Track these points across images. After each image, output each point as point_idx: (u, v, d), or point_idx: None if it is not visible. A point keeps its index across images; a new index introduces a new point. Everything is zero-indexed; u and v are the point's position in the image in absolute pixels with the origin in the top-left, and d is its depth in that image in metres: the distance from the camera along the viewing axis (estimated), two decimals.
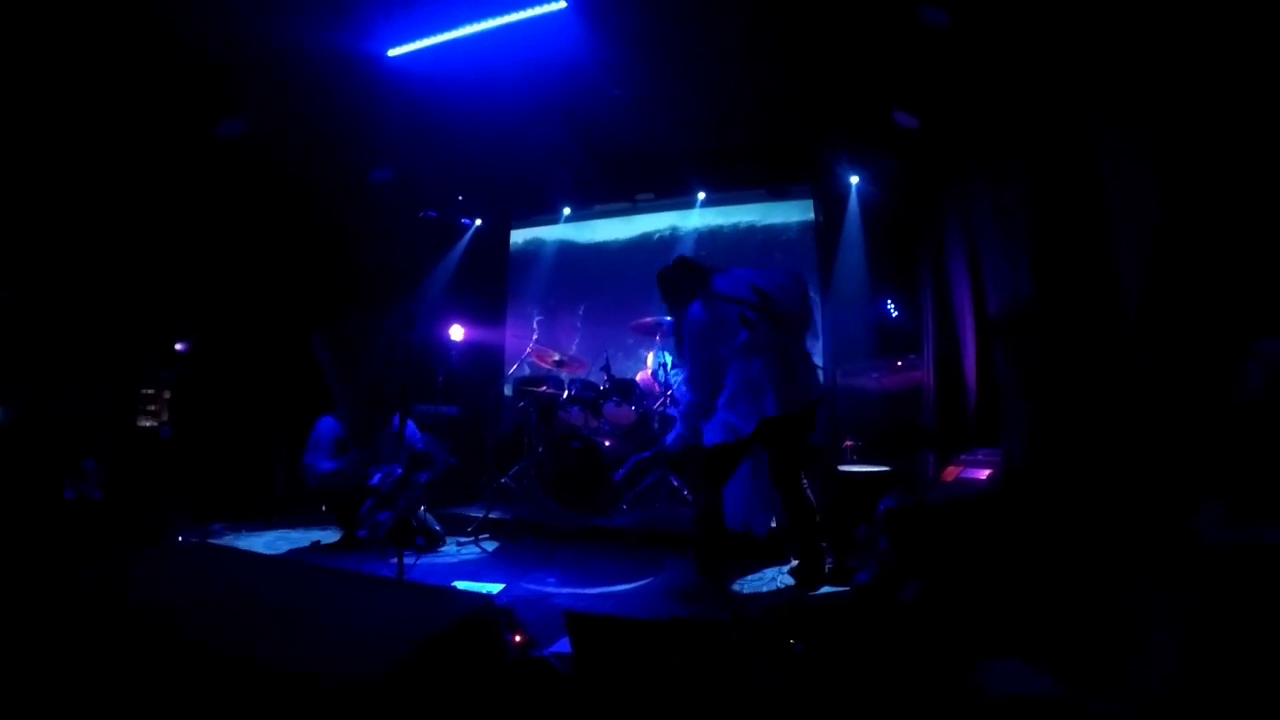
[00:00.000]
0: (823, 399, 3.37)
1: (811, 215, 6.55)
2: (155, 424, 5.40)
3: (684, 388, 3.43)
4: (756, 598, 3.24)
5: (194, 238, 5.50)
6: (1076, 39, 3.08)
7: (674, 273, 3.54)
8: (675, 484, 4.91)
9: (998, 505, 2.87)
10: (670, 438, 3.53)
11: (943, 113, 4.58)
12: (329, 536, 4.50)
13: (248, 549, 4.03)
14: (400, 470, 4.29)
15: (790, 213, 6.70)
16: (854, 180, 6.07)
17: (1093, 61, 3.00)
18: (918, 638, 2.15)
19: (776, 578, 3.49)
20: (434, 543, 4.30)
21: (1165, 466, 2.38)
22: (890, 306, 5.38)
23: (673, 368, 4.97)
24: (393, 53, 4.38)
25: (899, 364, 4.92)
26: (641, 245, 7.13)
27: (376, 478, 4.39)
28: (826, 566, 3.32)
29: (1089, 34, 2.98)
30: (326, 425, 4.52)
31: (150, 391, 5.47)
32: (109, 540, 2.86)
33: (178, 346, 5.77)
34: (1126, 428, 2.67)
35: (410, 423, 4.46)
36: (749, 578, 3.52)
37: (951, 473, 3.52)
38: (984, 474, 3.33)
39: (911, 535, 2.66)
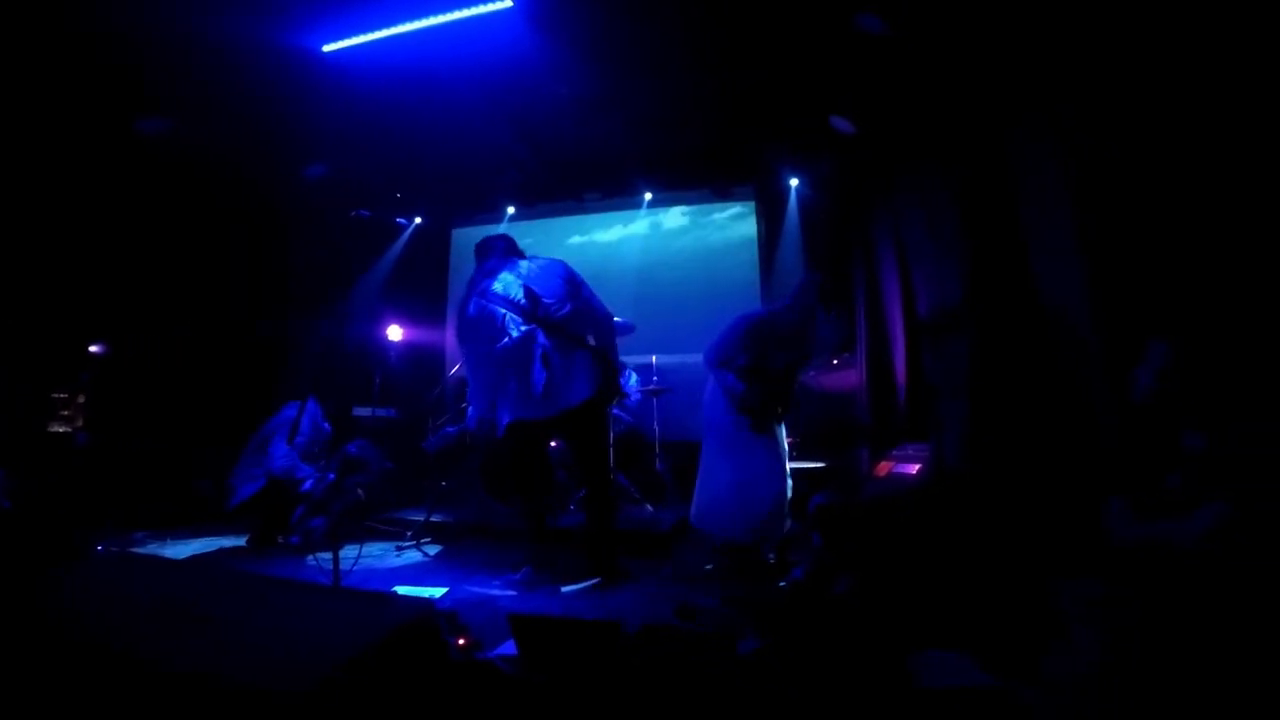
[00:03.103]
0: (595, 401, 3.35)
1: (754, 216, 6.68)
2: (69, 429, 5.10)
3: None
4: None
5: (111, 234, 5.22)
6: (998, 57, 3.25)
7: (485, 250, 3.55)
8: (624, 483, 4.92)
9: (926, 500, 3.00)
10: (469, 417, 3.59)
11: (876, 119, 4.75)
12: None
13: (174, 558, 3.86)
14: (334, 475, 4.19)
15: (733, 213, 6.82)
16: (794, 183, 6.23)
17: (1013, 78, 3.17)
18: (850, 632, 2.23)
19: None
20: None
21: (1080, 464, 2.54)
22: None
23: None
24: (328, 48, 4.25)
25: (834, 363, 5.07)
26: (591, 243, 7.16)
27: (309, 483, 4.27)
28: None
29: (1010, 54, 3.15)
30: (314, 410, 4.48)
31: (63, 395, 5.17)
32: (22, 552, 2.69)
33: (93, 348, 5.47)
34: (1047, 426, 2.83)
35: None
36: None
37: (884, 468, 3.65)
38: (914, 469, 3.47)
39: (843, 531, 2.76)
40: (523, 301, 3.28)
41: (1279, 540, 1.65)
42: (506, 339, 3.26)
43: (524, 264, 3.48)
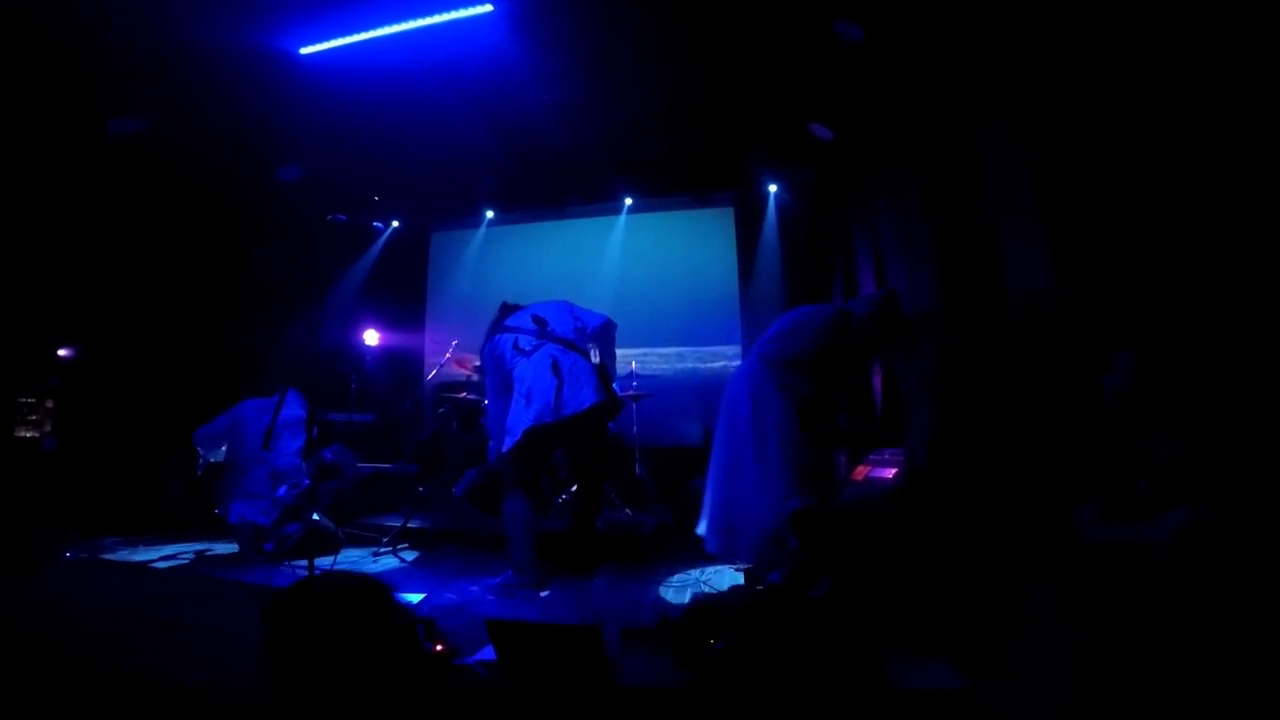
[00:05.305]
0: (600, 408, 3.52)
1: (733, 222, 6.73)
2: (37, 434, 4.99)
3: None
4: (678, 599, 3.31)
5: (82, 237, 5.13)
6: (974, 63, 3.30)
7: (497, 312, 3.91)
8: (604, 488, 4.90)
9: (901, 504, 3.03)
10: (491, 450, 3.75)
11: (854, 126, 4.80)
12: (231, 548, 4.28)
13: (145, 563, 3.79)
14: (308, 481, 4.13)
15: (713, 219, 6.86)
16: (772, 189, 6.29)
17: (987, 85, 3.23)
18: (827, 635, 2.25)
19: (699, 580, 3.59)
20: (330, 546, 4.14)
21: (1051, 467, 2.59)
22: None
23: None
24: (306, 50, 4.20)
25: None
26: (570, 249, 7.15)
27: (282, 489, 4.21)
28: None
29: (983, 58, 3.21)
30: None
31: (30, 400, 5.06)
32: None
33: (62, 352, 5.36)
34: (1018, 429, 2.88)
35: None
36: (673, 579, 3.60)
37: (861, 472, 3.68)
38: (890, 473, 3.50)
39: (820, 535, 2.78)
40: (531, 325, 3.64)
41: (1243, 543, 1.70)
42: (518, 355, 3.55)
43: (536, 305, 3.83)
